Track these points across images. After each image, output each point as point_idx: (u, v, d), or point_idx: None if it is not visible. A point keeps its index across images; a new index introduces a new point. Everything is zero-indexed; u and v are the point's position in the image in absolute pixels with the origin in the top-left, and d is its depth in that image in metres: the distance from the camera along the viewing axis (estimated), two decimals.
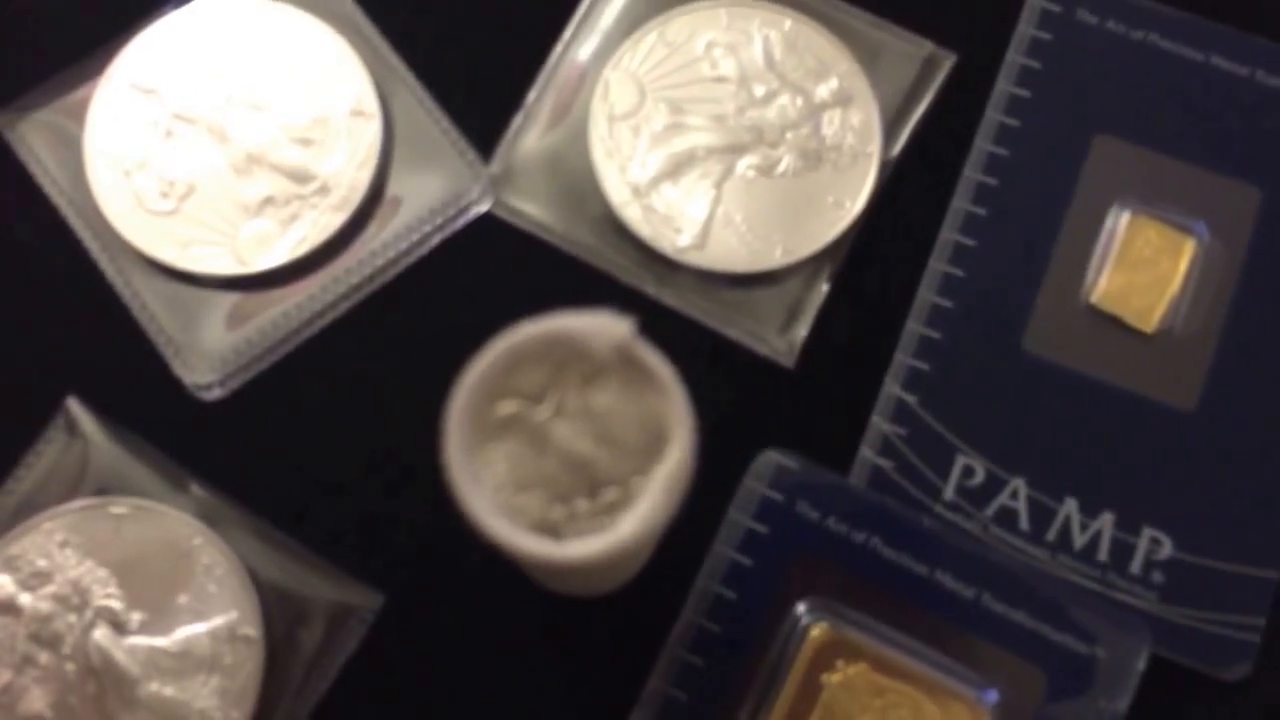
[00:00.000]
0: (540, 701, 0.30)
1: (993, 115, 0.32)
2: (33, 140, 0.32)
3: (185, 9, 0.33)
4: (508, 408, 0.20)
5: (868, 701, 0.29)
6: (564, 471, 0.20)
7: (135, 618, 0.30)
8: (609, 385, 0.20)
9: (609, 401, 0.20)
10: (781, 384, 0.32)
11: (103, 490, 0.31)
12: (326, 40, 0.33)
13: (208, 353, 0.31)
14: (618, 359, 0.20)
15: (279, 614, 0.30)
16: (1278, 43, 0.33)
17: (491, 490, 0.20)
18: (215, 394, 0.31)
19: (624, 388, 0.20)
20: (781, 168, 0.32)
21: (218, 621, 0.30)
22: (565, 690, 0.30)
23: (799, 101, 0.32)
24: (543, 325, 0.20)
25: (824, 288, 0.32)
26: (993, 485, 0.31)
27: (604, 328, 0.20)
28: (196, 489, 0.31)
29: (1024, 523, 0.30)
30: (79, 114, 0.32)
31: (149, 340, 0.32)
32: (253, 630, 0.30)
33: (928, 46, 0.33)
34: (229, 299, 0.32)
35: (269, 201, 0.32)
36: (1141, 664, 0.29)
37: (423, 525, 0.31)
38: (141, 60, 0.33)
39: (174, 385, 0.31)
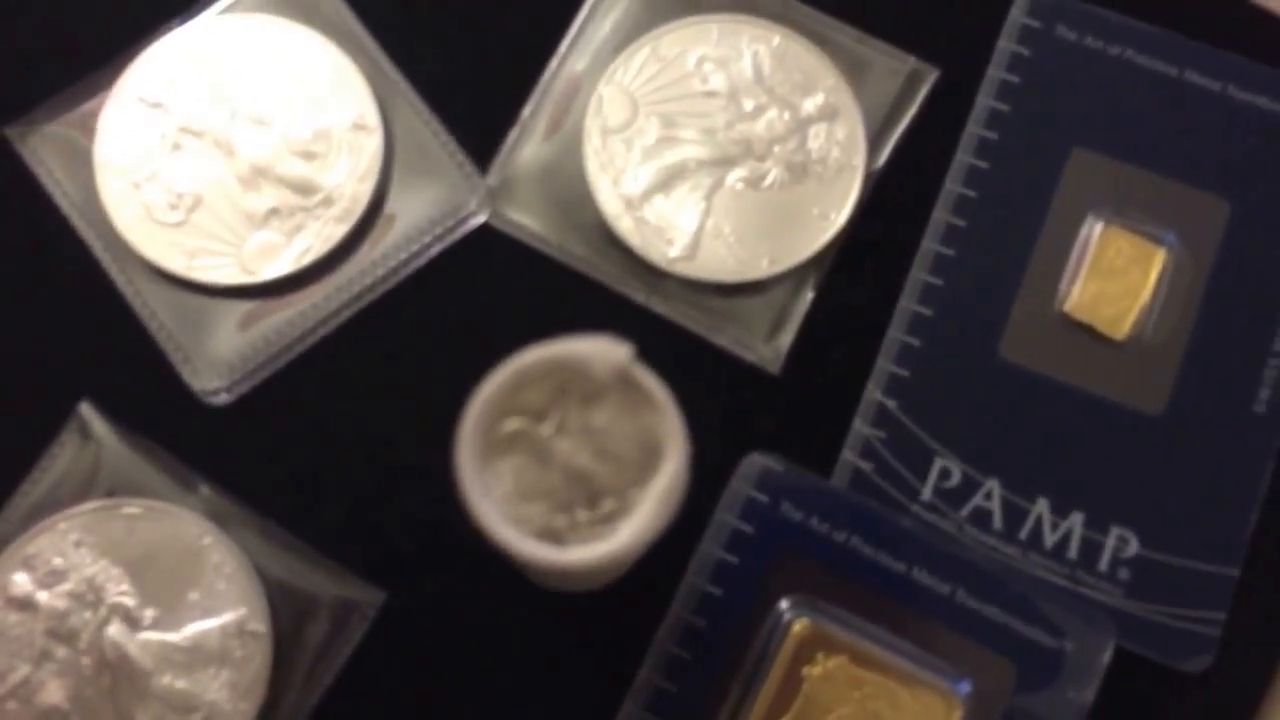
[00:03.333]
0: (535, 692, 0.31)
1: (973, 129, 0.34)
2: (44, 153, 0.33)
3: (191, 25, 0.34)
4: (514, 425, 0.21)
5: (847, 693, 0.31)
6: (566, 484, 0.21)
7: (148, 614, 0.31)
8: (608, 404, 0.22)
9: (608, 419, 0.21)
10: (767, 389, 0.33)
11: (115, 492, 0.32)
12: (329, 56, 0.34)
13: (215, 359, 0.32)
14: (617, 380, 0.22)
15: (285, 610, 0.32)
16: (1249, 59, 0.34)
17: (499, 500, 0.21)
18: (223, 399, 0.33)
19: (622, 407, 0.22)
20: (769, 180, 0.33)
21: (227, 617, 0.31)
22: (560, 681, 0.32)
23: (786, 116, 0.33)
24: (547, 349, 0.22)
25: (809, 297, 0.33)
26: (968, 486, 0.32)
27: (604, 352, 0.22)
28: (205, 490, 0.32)
29: (998, 522, 0.32)
30: (89, 127, 0.33)
31: (158, 347, 0.33)
32: (260, 626, 0.31)
33: (911, 62, 0.34)
34: (236, 307, 0.33)
35: (274, 213, 0.33)
36: (1107, 656, 0.30)
37: (422, 524, 0.32)
38: (149, 75, 0.34)
39: (183, 391, 0.33)
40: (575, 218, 0.33)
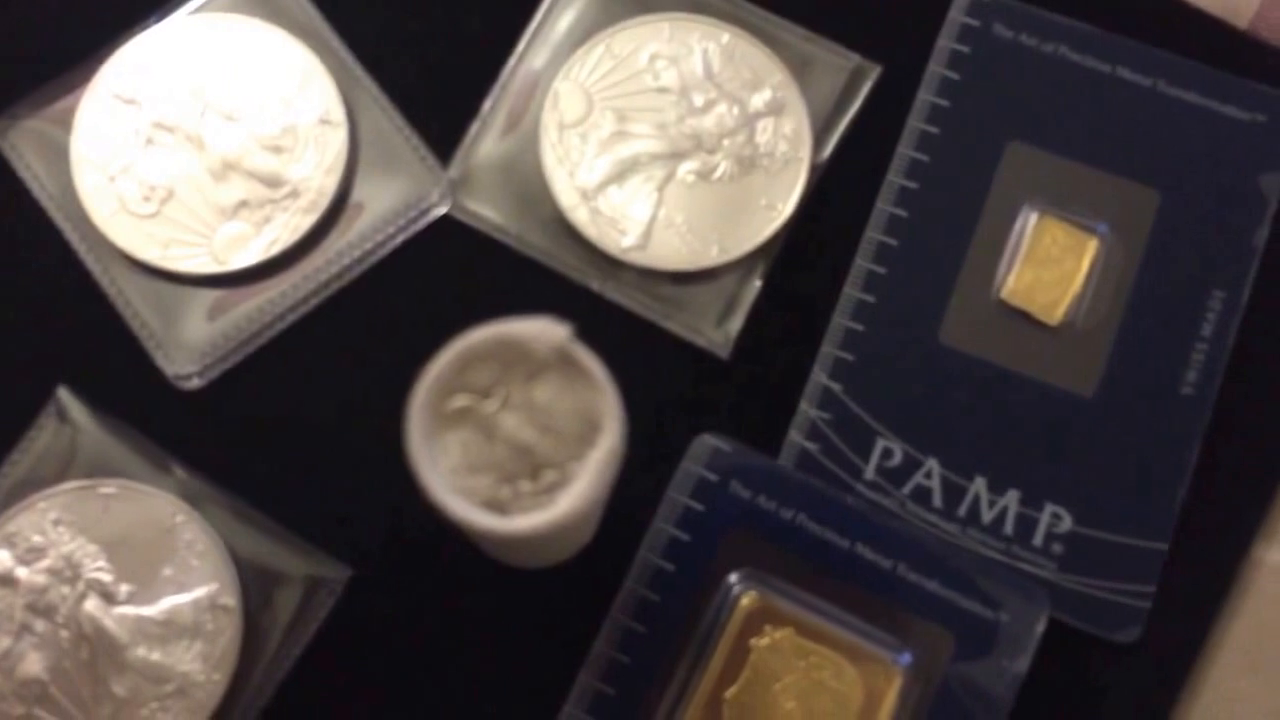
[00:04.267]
0: (496, 664, 0.33)
1: (914, 123, 0.35)
2: (23, 147, 0.35)
3: (164, 25, 0.35)
4: (461, 401, 0.23)
5: (792, 662, 0.32)
6: (510, 457, 0.22)
7: (123, 589, 0.32)
8: (549, 382, 0.23)
9: (549, 396, 0.23)
10: (717, 374, 0.34)
11: (92, 473, 0.33)
12: (296, 54, 0.35)
13: (187, 345, 0.34)
14: (557, 358, 0.23)
15: (255, 585, 0.33)
16: (1179, 56, 0.35)
17: (448, 473, 0.22)
18: (195, 384, 0.34)
19: (562, 384, 0.23)
20: (719, 173, 0.34)
21: (199, 592, 0.32)
22: (518, 654, 0.33)
23: (735, 110, 0.34)
24: (490, 329, 0.23)
25: (757, 284, 0.34)
26: (909, 465, 0.33)
27: (544, 331, 0.23)
28: (178, 471, 0.33)
29: (937, 500, 0.33)
30: (66, 122, 0.35)
31: (133, 334, 0.34)
32: (231, 600, 0.32)
33: (855, 59, 0.35)
34: (207, 295, 0.34)
35: (243, 205, 0.34)
36: (1041, 627, 0.32)
37: (387, 503, 0.33)
38: (123, 72, 0.35)
39: (157, 375, 0.34)
40: (533, 209, 0.35)
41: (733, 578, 0.32)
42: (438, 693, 0.33)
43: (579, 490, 0.22)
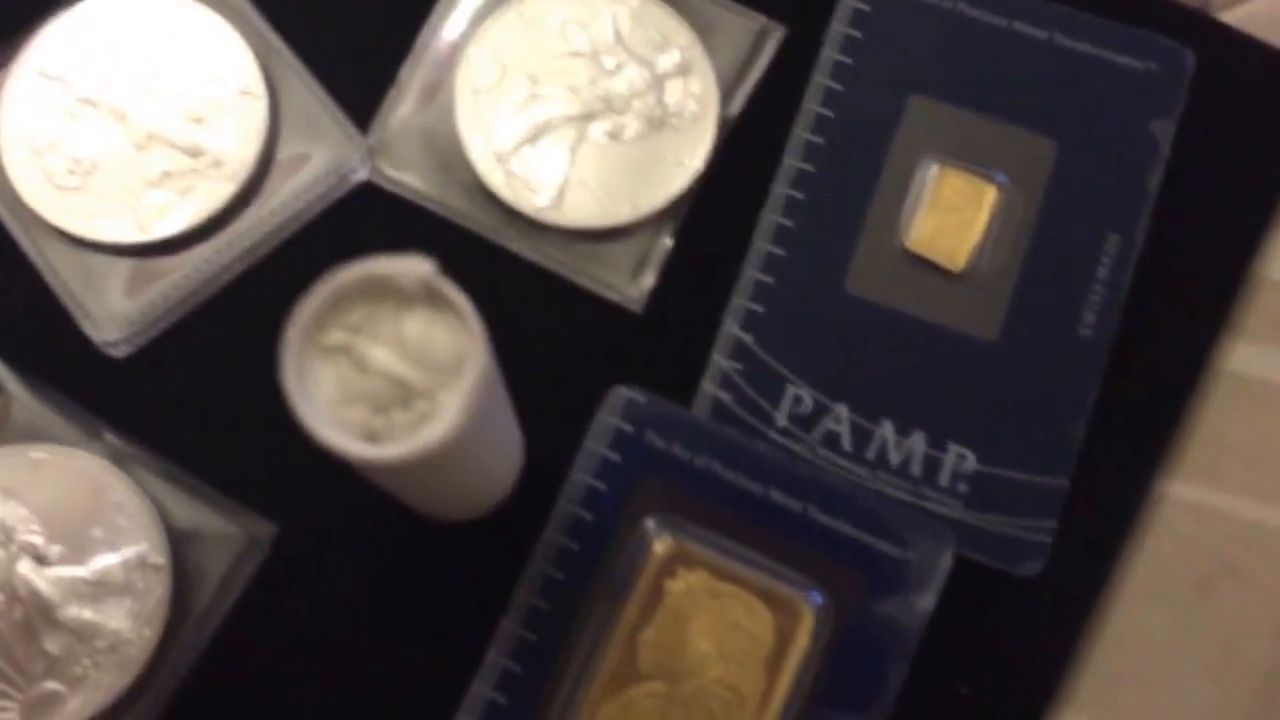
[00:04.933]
0: (421, 615, 0.34)
1: (819, 80, 0.36)
2: None
3: (88, 2, 0.36)
4: (334, 336, 0.24)
5: (706, 604, 0.33)
6: (382, 388, 0.23)
7: (55, 551, 0.33)
8: (418, 315, 0.24)
9: (418, 329, 0.24)
10: (632, 328, 0.35)
11: (23, 439, 0.34)
12: (216, 27, 0.36)
13: (114, 314, 0.35)
14: (424, 293, 0.24)
15: (185, 544, 0.34)
16: (1074, 8, 0.36)
17: (324, 405, 0.23)
18: (122, 350, 0.35)
19: (430, 317, 0.24)
20: (629, 132, 0.35)
21: (129, 552, 0.33)
22: (443, 605, 0.34)
23: (645, 72, 0.35)
24: (358, 266, 0.24)
25: (669, 240, 0.35)
26: (819, 412, 0.34)
27: (410, 267, 0.24)
28: (108, 436, 0.34)
29: (847, 444, 0.34)
30: None
31: (62, 304, 0.35)
32: (160, 559, 0.33)
33: (760, 20, 0.36)
34: (133, 264, 0.35)
35: (166, 175, 0.35)
36: (947, 564, 0.33)
37: (312, 462, 0.34)
38: (49, 49, 0.36)
39: (85, 344, 0.35)
40: (451, 173, 0.35)
41: (648, 524, 0.33)
42: (367, 644, 0.33)
43: (448, 418, 0.23)
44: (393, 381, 0.24)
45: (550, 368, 0.35)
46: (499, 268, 0.36)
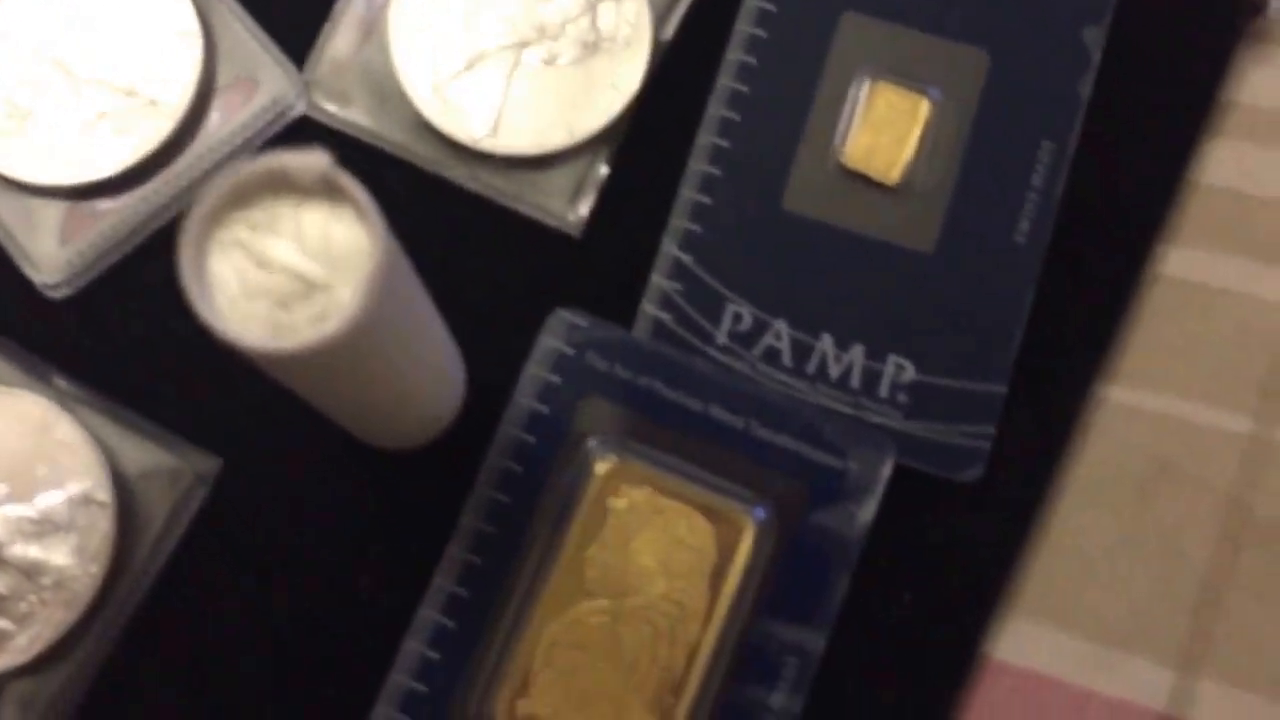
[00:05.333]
0: (368, 545, 0.34)
1: (751, 1, 0.36)
2: None
3: None
4: (235, 232, 0.24)
5: (649, 520, 0.33)
6: (285, 283, 0.23)
7: (0, 489, 0.33)
8: (318, 209, 0.24)
9: (318, 223, 0.24)
10: (571, 252, 0.35)
11: None
12: None
13: (54, 256, 0.35)
14: (323, 187, 0.24)
15: (130, 481, 0.34)
16: None
17: (225, 303, 0.23)
18: (63, 292, 0.35)
19: (331, 211, 0.24)
20: (564, 59, 0.35)
21: (73, 489, 0.33)
22: (390, 532, 0.34)
23: None
24: (258, 161, 0.24)
25: (606, 164, 0.35)
26: (759, 328, 0.34)
27: (308, 160, 0.24)
28: (52, 375, 0.34)
29: (787, 359, 0.34)
30: None
31: (1, 248, 0.35)
32: (104, 496, 0.33)
33: None
34: (71, 207, 0.35)
35: (103, 116, 0.35)
36: (887, 472, 0.33)
37: (256, 397, 0.34)
38: None
39: (27, 286, 0.35)
40: (388, 105, 0.35)
41: (591, 444, 0.33)
42: (315, 575, 0.33)
43: (349, 309, 0.23)
44: (294, 276, 0.24)
45: (491, 295, 0.35)
46: (438, 198, 0.36)
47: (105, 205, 0.35)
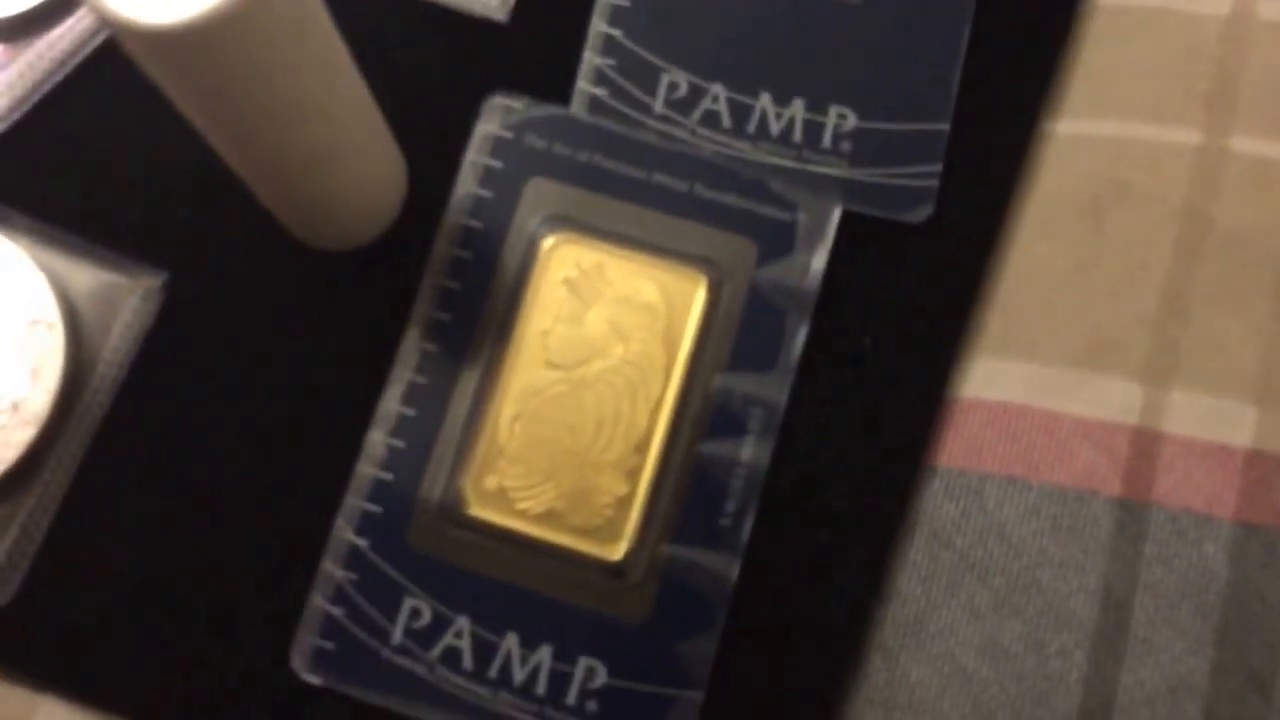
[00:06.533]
0: (320, 344, 0.33)
1: None
2: None
3: None
4: None
5: (601, 289, 0.33)
6: None
7: None
8: None
9: None
10: (500, 39, 0.35)
11: None
12: None
13: None
14: None
15: (79, 302, 0.34)
16: None
17: None
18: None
19: None
20: None
21: (20, 314, 0.33)
22: (342, 331, 0.34)
23: None
24: None
25: None
26: (695, 94, 0.34)
27: None
28: None
29: (726, 121, 0.34)
30: None
31: None
32: (53, 318, 0.33)
33: None
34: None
35: None
36: (835, 218, 0.32)
37: (198, 211, 0.34)
38: None
39: None
40: None
41: (537, 223, 0.33)
42: (273, 377, 0.33)
43: None
44: None
45: (423, 90, 0.35)
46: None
47: (32, 40, 0.35)
